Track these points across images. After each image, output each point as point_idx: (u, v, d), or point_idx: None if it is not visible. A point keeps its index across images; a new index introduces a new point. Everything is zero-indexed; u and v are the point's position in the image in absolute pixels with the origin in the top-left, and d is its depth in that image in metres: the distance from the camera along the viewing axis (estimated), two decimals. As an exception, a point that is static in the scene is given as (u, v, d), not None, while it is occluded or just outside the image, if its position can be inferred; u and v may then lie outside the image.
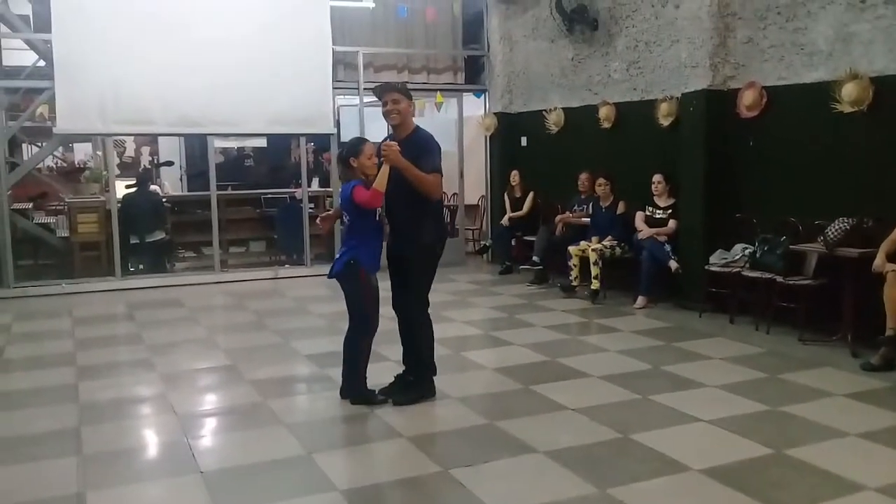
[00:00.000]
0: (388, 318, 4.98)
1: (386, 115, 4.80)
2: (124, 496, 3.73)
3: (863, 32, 6.15)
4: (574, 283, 8.29)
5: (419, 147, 4.71)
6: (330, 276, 4.85)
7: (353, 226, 4.72)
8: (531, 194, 9.88)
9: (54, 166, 11.99)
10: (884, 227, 5.70)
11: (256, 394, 5.18)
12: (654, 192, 7.85)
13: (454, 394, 5.04)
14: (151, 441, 4.60)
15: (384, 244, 4.89)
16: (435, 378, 5.03)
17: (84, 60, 8.66)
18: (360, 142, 4.82)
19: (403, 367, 5.06)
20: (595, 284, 7.96)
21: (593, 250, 7.98)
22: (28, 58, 9.57)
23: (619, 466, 3.93)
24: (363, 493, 3.74)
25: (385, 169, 4.53)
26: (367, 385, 4.89)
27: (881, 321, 5.43)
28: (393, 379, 5.05)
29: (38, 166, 10.51)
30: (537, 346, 6.32)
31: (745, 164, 7.16)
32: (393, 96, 4.75)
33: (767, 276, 6.53)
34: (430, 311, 4.96)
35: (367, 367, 4.86)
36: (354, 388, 4.87)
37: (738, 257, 6.95)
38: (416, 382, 4.97)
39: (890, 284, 5.38)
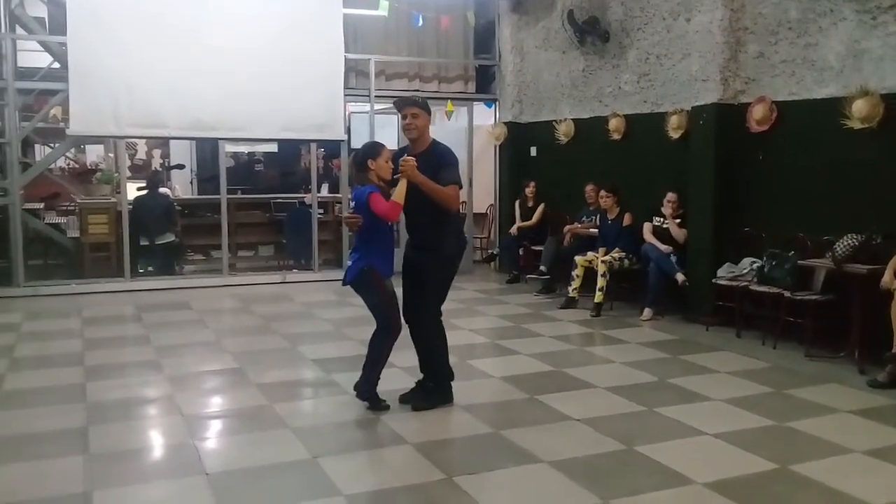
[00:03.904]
0: (404, 326, 4.95)
1: (404, 128, 4.84)
2: (130, 496, 3.76)
3: (874, 49, 6.16)
4: (573, 295, 8.29)
5: (437, 160, 4.73)
6: (344, 283, 4.86)
7: (367, 230, 4.72)
8: (542, 206, 9.91)
9: (66, 167, 12.06)
10: (892, 244, 5.70)
11: (262, 397, 5.21)
12: (666, 208, 7.84)
13: (460, 402, 5.04)
14: (158, 442, 4.62)
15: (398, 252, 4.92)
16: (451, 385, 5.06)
17: (98, 63, 8.74)
18: (377, 144, 4.87)
19: (422, 375, 5.07)
20: (599, 297, 7.94)
21: (602, 262, 7.98)
22: (43, 59, 9.65)
23: (622, 478, 3.94)
24: (367, 498, 3.75)
25: (403, 183, 4.57)
26: (377, 391, 4.90)
27: (888, 338, 5.41)
28: (414, 385, 5.08)
29: (51, 167, 10.57)
30: (543, 355, 6.33)
31: (755, 178, 7.16)
32: (412, 110, 4.77)
33: (775, 290, 6.52)
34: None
35: (382, 370, 4.87)
36: (366, 388, 4.88)
37: (745, 271, 6.94)
38: (437, 389, 5.00)
39: (898, 301, 5.37)
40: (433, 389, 5.00)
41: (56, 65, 9.28)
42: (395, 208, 4.57)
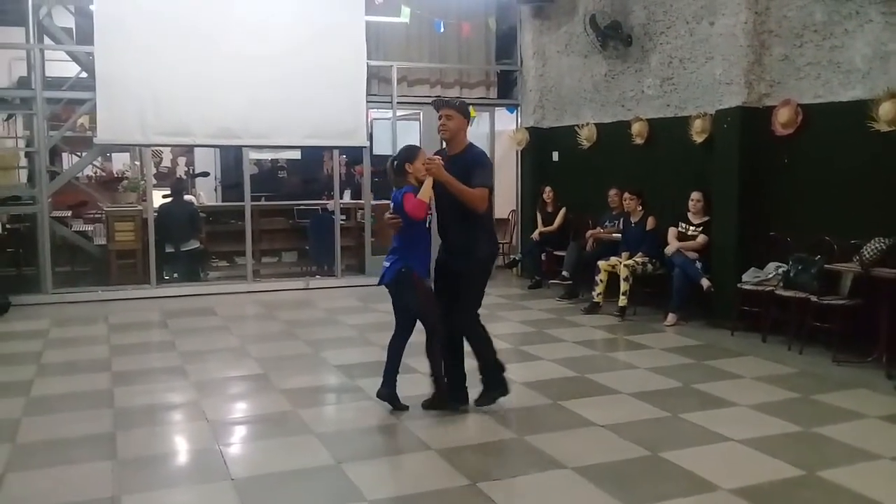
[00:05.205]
0: (416, 330, 4.97)
1: (438, 129, 4.91)
2: (157, 501, 3.79)
3: (901, 51, 6.10)
4: (597, 300, 8.25)
5: (471, 163, 4.78)
6: (380, 283, 4.88)
7: (405, 231, 4.77)
8: (563, 210, 9.89)
9: (93, 175, 12.22)
10: (921, 248, 5.63)
11: (287, 403, 5.24)
12: (691, 210, 7.81)
13: (483, 407, 5.04)
14: (184, 447, 4.67)
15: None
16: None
17: (125, 73, 8.85)
18: (414, 147, 4.94)
19: (445, 379, 4.98)
20: (623, 301, 7.93)
21: (625, 266, 7.95)
22: (70, 69, 9.79)
23: (647, 484, 3.92)
24: (392, 504, 3.77)
25: (429, 181, 4.63)
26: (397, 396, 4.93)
27: (917, 343, 5.35)
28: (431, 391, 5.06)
29: (78, 175, 10.72)
30: (566, 361, 6.31)
31: (780, 181, 7.10)
32: (447, 111, 4.84)
33: (801, 295, 6.46)
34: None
35: (443, 369, 4.86)
36: (386, 393, 4.91)
37: (771, 276, 6.88)
38: (493, 382, 5.01)
39: (927, 306, 5.31)
40: (490, 384, 5.02)
41: (83, 74, 9.41)
42: (420, 206, 4.61)
